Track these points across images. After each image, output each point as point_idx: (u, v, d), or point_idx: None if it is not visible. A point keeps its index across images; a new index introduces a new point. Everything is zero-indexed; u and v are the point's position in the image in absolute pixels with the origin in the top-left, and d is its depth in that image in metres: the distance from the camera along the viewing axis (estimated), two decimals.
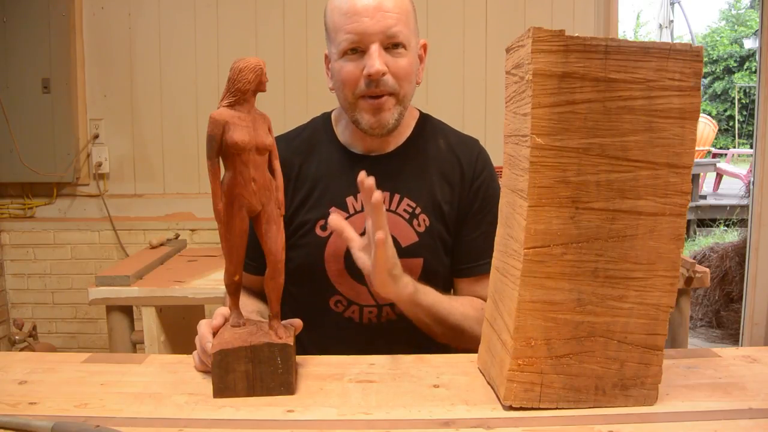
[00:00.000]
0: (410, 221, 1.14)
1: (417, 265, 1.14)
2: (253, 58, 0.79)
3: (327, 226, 0.96)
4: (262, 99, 0.83)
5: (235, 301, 0.87)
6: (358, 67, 1.07)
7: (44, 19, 2.65)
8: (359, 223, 1.13)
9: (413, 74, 1.12)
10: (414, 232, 1.13)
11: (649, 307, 0.76)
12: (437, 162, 1.18)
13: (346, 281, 1.14)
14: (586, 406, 0.76)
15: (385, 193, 1.13)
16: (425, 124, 1.22)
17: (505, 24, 2.74)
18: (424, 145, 1.19)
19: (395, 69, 1.07)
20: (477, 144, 1.24)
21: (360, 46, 1.07)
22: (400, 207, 1.14)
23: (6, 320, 2.81)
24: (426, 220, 1.14)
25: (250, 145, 0.78)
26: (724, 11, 17.61)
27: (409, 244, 1.13)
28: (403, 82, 1.09)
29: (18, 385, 0.85)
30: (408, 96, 1.12)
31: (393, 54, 1.07)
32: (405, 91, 1.10)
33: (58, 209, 2.82)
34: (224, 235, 0.81)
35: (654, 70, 0.71)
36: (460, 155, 1.19)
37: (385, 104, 1.09)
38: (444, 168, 1.17)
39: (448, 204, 1.16)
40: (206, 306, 2.02)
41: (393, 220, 1.13)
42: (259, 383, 0.80)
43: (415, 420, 0.75)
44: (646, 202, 0.74)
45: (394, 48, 1.07)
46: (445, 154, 1.19)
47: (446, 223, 1.16)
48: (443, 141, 1.20)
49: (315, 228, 1.14)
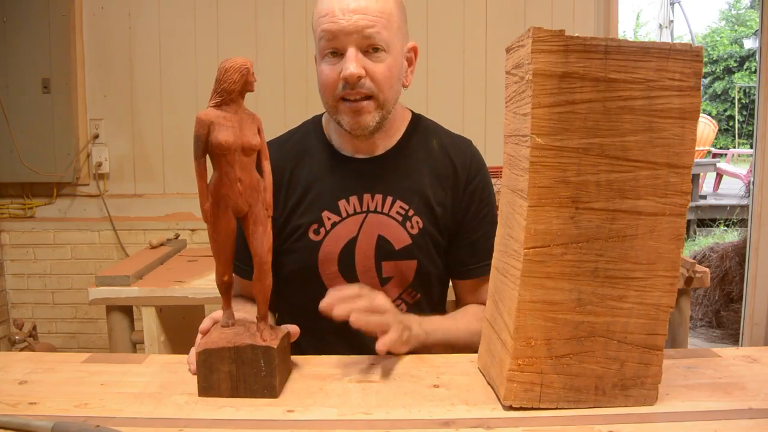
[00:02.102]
0: (403, 223, 1.13)
1: (411, 267, 1.14)
2: (240, 58, 0.79)
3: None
4: (262, 99, 0.83)
5: (227, 300, 0.87)
6: (335, 70, 1.06)
7: (44, 19, 2.65)
8: (353, 225, 1.13)
9: (394, 78, 1.09)
10: (407, 234, 1.13)
11: (649, 307, 0.76)
12: (430, 163, 1.17)
13: (340, 284, 1.13)
14: (586, 406, 0.76)
15: (377, 195, 1.13)
16: (417, 125, 1.21)
17: (505, 24, 2.74)
18: (416, 146, 1.18)
19: (373, 73, 1.06)
20: (470, 145, 1.23)
21: (338, 49, 1.06)
22: (392, 209, 1.14)
23: (6, 320, 2.81)
24: (419, 221, 1.14)
25: (235, 145, 0.78)
26: (724, 11, 17.61)
27: (403, 246, 1.13)
28: (382, 86, 1.07)
29: (18, 385, 0.85)
30: (390, 100, 1.10)
31: (372, 58, 1.06)
32: (386, 96, 1.08)
33: (58, 209, 2.82)
34: (211, 235, 0.82)
35: (654, 70, 0.71)
36: (453, 157, 1.19)
37: (364, 107, 1.07)
38: (437, 169, 1.17)
39: (441, 206, 1.16)
40: (206, 306, 2.01)
41: (386, 223, 1.13)
42: (242, 384, 0.81)
43: (415, 420, 0.75)
44: (646, 202, 0.74)
45: (373, 51, 1.06)
46: (437, 155, 1.18)
47: (439, 225, 1.16)
48: (436, 142, 1.20)
49: (308, 232, 1.14)
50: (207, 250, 2.42)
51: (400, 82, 1.13)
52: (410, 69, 1.17)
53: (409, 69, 1.17)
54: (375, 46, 1.06)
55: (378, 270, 1.13)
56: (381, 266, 1.13)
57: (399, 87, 1.13)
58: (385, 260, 1.13)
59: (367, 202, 1.13)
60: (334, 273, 1.13)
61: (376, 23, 1.05)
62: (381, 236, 1.13)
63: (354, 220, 1.13)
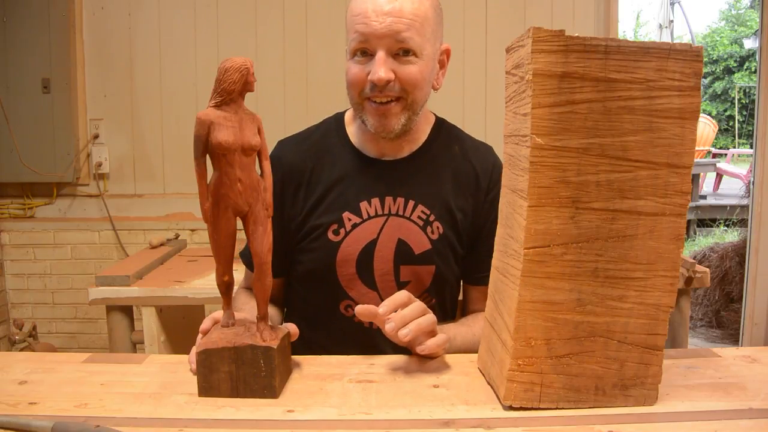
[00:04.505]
0: (424, 228, 1.12)
1: (429, 272, 1.13)
2: (240, 58, 0.79)
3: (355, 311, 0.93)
4: (263, 99, 0.83)
5: (227, 301, 0.87)
6: (364, 70, 1.05)
7: (44, 19, 2.65)
8: (373, 227, 1.12)
9: (424, 81, 1.08)
10: (427, 239, 1.12)
11: (649, 307, 0.76)
12: (452, 169, 1.16)
13: (357, 286, 1.13)
14: (586, 406, 0.76)
15: (399, 198, 1.12)
16: (440, 129, 1.20)
17: (505, 24, 2.74)
18: (439, 151, 1.17)
19: (402, 76, 1.05)
20: (491, 151, 1.22)
21: (368, 49, 1.05)
22: (414, 214, 1.12)
23: (6, 320, 2.81)
24: (439, 227, 1.13)
25: (235, 145, 0.78)
26: (724, 11, 17.62)
27: (423, 251, 1.12)
28: (411, 89, 1.06)
29: (18, 385, 0.85)
30: (418, 102, 1.09)
31: (401, 61, 1.05)
32: (414, 98, 1.07)
33: (58, 209, 2.82)
34: (211, 235, 0.82)
35: (654, 70, 0.71)
36: (474, 163, 1.17)
37: (391, 110, 1.07)
38: (458, 175, 1.16)
39: (461, 212, 1.15)
40: (206, 306, 2.01)
41: (407, 227, 1.12)
42: (242, 385, 0.81)
43: (415, 420, 0.75)
44: (646, 202, 0.74)
45: (403, 55, 1.04)
46: (459, 161, 1.17)
47: (458, 232, 1.15)
48: (458, 147, 1.19)
49: (327, 232, 1.12)
50: (207, 250, 2.42)
51: (429, 85, 1.11)
52: (442, 72, 1.15)
53: (441, 72, 1.15)
54: (406, 49, 1.04)
55: (396, 274, 1.12)
56: (399, 270, 1.12)
57: (428, 90, 1.11)
58: (403, 264, 1.12)
59: (389, 205, 1.12)
60: (351, 274, 1.12)
61: (409, 27, 1.03)
62: (401, 240, 1.12)
63: (375, 222, 1.12)
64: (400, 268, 1.12)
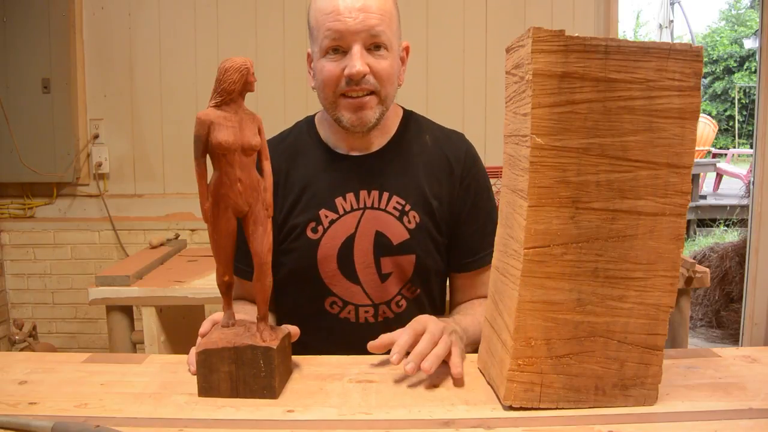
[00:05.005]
0: (400, 218, 1.14)
1: (409, 262, 1.14)
2: (240, 58, 0.79)
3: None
4: (263, 99, 0.83)
5: (228, 301, 0.87)
6: (339, 67, 1.07)
7: (44, 19, 2.65)
8: (350, 222, 1.13)
9: (394, 75, 1.12)
10: (405, 228, 1.14)
11: (649, 307, 0.76)
12: (424, 158, 1.18)
13: (340, 282, 1.14)
14: (586, 406, 0.76)
15: (373, 191, 1.14)
16: (409, 121, 1.22)
17: (505, 24, 2.74)
18: (410, 142, 1.19)
19: (377, 69, 1.08)
20: (463, 138, 1.24)
21: (342, 46, 1.07)
22: (389, 205, 1.14)
23: (6, 320, 2.81)
24: (416, 216, 1.14)
25: (235, 145, 0.78)
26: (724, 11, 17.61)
27: (401, 241, 1.13)
28: (384, 83, 1.09)
29: (18, 385, 0.85)
30: (390, 96, 1.12)
31: (374, 55, 1.08)
32: (387, 92, 1.11)
33: (58, 209, 2.82)
34: (211, 235, 0.82)
35: (654, 70, 0.71)
36: (447, 151, 1.19)
37: (367, 103, 1.09)
38: (431, 164, 1.18)
39: (437, 199, 1.16)
40: (206, 306, 2.01)
41: (383, 218, 1.13)
42: (242, 385, 0.81)
43: (415, 420, 0.75)
44: (646, 202, 0.74)
45: (375, 49, 1.08)
46: (431, 150, 1.19)
47: (436, 220, 1.16)
48: (429, 137, 1.21)
49: (306, 231, 1.14)
50: (207, 250, 2.42)
51: (397, 80, 1.15)
52: (403, 68, 1.19)
53: (402, 68, 1.18)
54: (378, 43, 1.07)
55: (377, 266, 1.14)
56: (380, 262, 1.13)
57: (396, 85, 1.14)
58: (383, 256, 1.13)
59: (364, 199, 1.14)
60: (333, 270, 1.13)
61: (381, 22, 1.07)
62: (379, 232, 1.13)
63: (351, 217, 1.13)
64: (381, 260, 1.13)
